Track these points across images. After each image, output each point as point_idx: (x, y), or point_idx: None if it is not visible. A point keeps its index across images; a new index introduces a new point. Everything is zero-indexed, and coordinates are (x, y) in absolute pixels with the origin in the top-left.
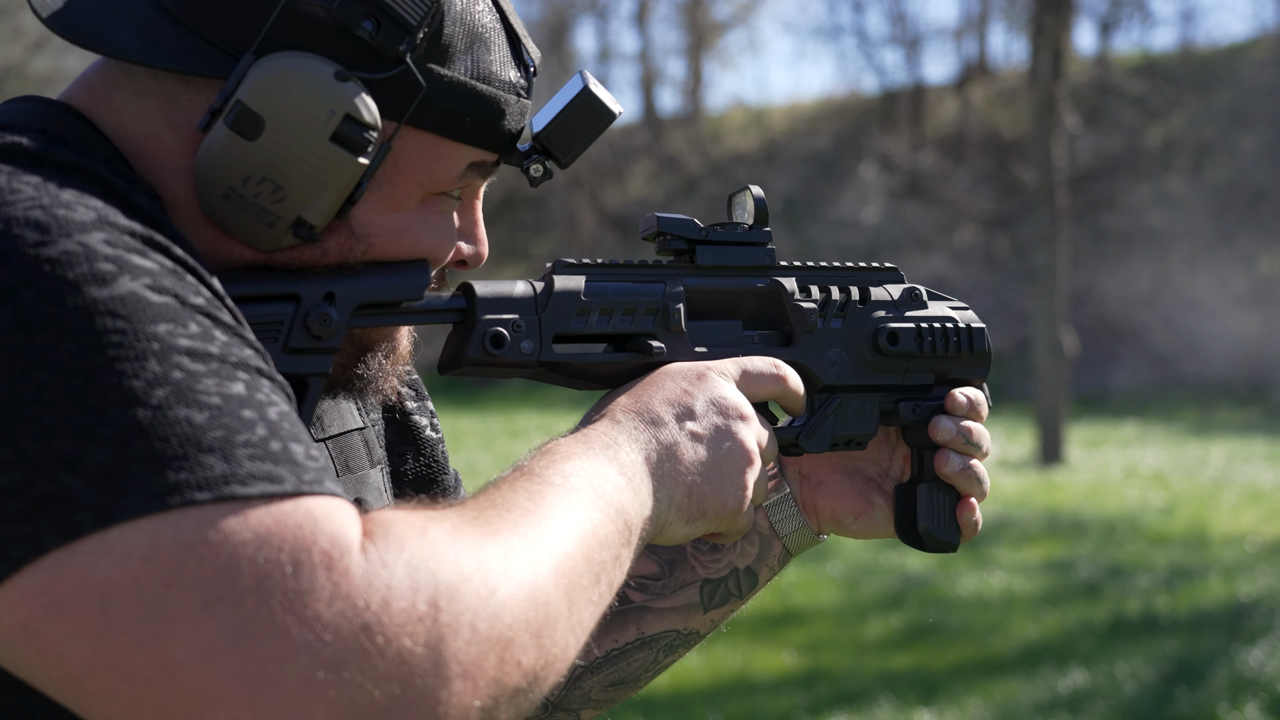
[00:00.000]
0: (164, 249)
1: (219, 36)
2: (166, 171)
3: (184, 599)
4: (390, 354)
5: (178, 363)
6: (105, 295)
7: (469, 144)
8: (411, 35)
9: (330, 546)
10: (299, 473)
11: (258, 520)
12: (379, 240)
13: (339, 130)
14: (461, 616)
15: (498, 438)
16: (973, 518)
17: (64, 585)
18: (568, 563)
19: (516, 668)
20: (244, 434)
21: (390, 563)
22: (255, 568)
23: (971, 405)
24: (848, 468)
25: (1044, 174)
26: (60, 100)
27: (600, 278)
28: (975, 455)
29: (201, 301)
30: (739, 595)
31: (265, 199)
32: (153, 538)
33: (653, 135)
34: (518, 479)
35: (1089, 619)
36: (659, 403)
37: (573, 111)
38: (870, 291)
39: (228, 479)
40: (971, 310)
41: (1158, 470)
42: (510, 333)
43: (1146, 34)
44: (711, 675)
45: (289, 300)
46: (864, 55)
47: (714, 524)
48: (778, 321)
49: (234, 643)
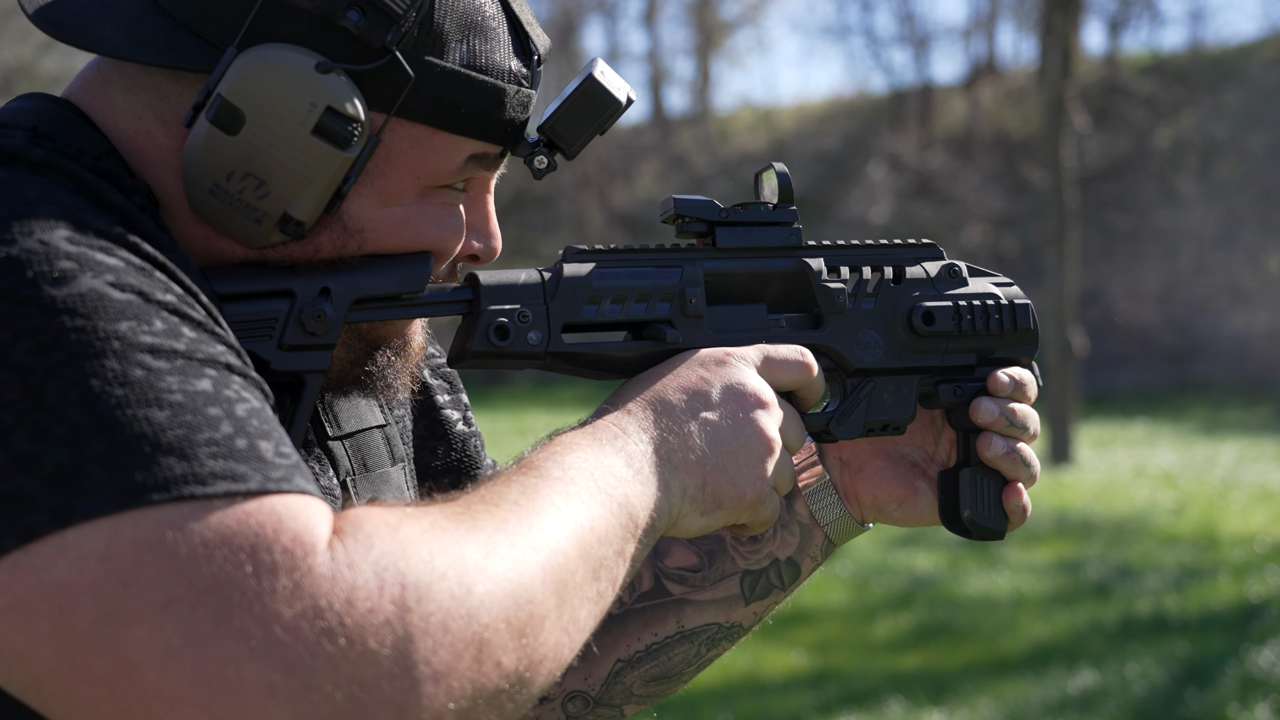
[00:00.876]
0: (132, 245)
1: (206, 29)
2: (158, 168)
3: (141, 600)
4: (402, 350)
5: (139, 360)
6: (64, 293)
7: (465, 135)
8: (398, 25)
9: (294, 545)
10: (265, 470)
11: (219, 519)
12: (375, 234)
13: (321, 123)
14: (432, 617)
15: (506, 436)
16: (1020, 503)
17: (21, 587)
18: (558, 559)
19: (496, 668)
20: (207, 432)
21: (357, 562)
22: (214, 567)
23: (1016, 385)
24: (890, 453)
25: (1053, 174)
26: (63, 97)
27: (613, 263)
28: (1021, 438)
29: (170, 299)
30: (781, 587)
31: (250, 195)
32: (110, 538)
33: (661, 135)
34: (515, 473)
35: (1098, 619)
36: (674, 390)
37: (576, 100)
38: (905, 270)
39: (187, 478)
40: (1017, 286)
41: (1167, 470)
42: (516, 323)
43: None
44: (721, 675)
45: (284, 296)
46: (872, 55)
47: (733, 514)
48: (805, 303)
49: (192, 644)
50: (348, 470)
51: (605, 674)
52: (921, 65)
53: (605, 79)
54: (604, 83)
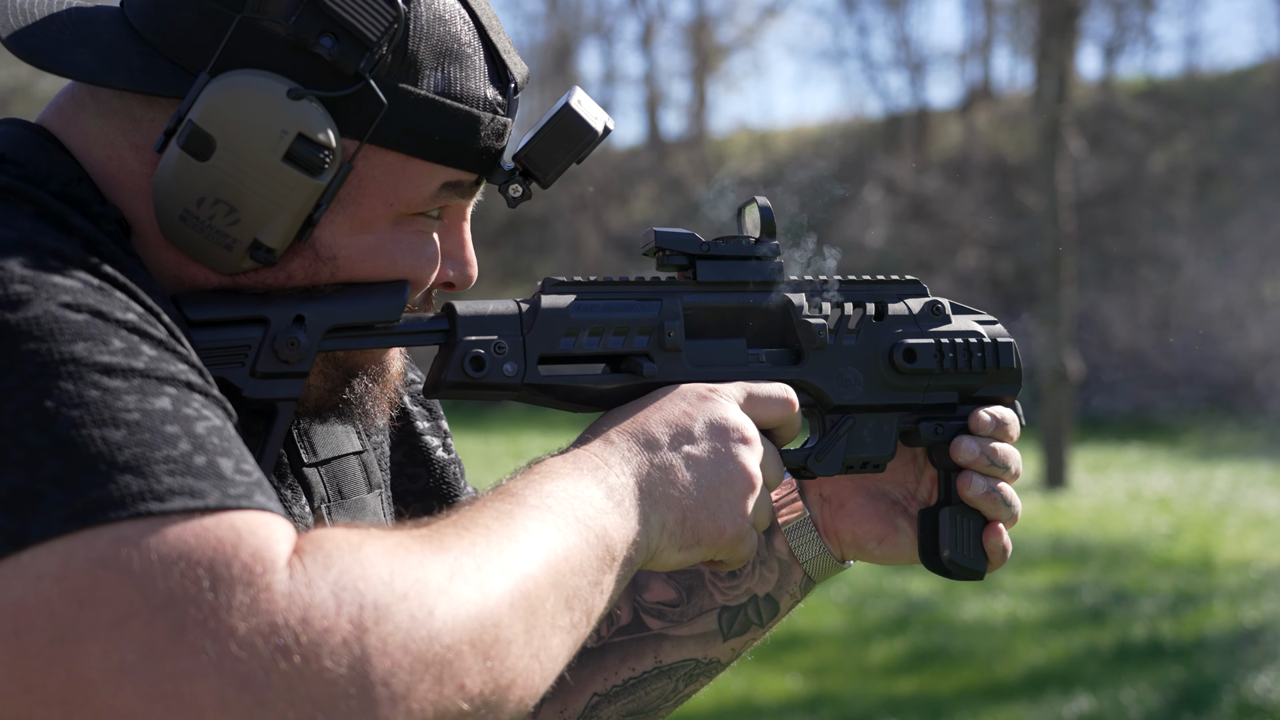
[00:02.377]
0: (91, 266)
1: (180, 55)
2: (129, 193)
3: (96, 617)
4: (379, 377)
5: (94, 380)
6: (18, 318)
7: (439, 163)
8: (372, 52)
9: (253, 561)
10: (224, 487)
11: (175, 536)
12: (348, 262)
13: (292, 150)
14: (391, 637)
15: (501, 459)
16: (1000, 543)
17: None
18: (527, 584)
19: (459, 691)
20: (164, 449)
21: (315, 580)
22: (170, 583)
23: (998, 424)
24: (871, 490)
25: (1048, 198)
26: (36, 123)
27: (591, 296)
28: (1002, 477)
29: (130, 317)
30: (759, 623)
31: (220, 221)
32: (64, 558)
33: (657, 157)
34: (492, 499)
35: (1094, 644)
36: (656, 423)
37: (553, 130)
38: (888, 306)
39: (144, 495)
40: (1000, 325)
41: (1162, 495)
42: (492, 354)
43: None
44: (716, 699)
45: (257, 324)
46: (868, 79)
47: (711, 550)
48: (786, 338)
49: (146, 660)
50: (322, 497)
51: (581, 708)
52: (917, 89)
53: (582, 108)
54: (580, 112)
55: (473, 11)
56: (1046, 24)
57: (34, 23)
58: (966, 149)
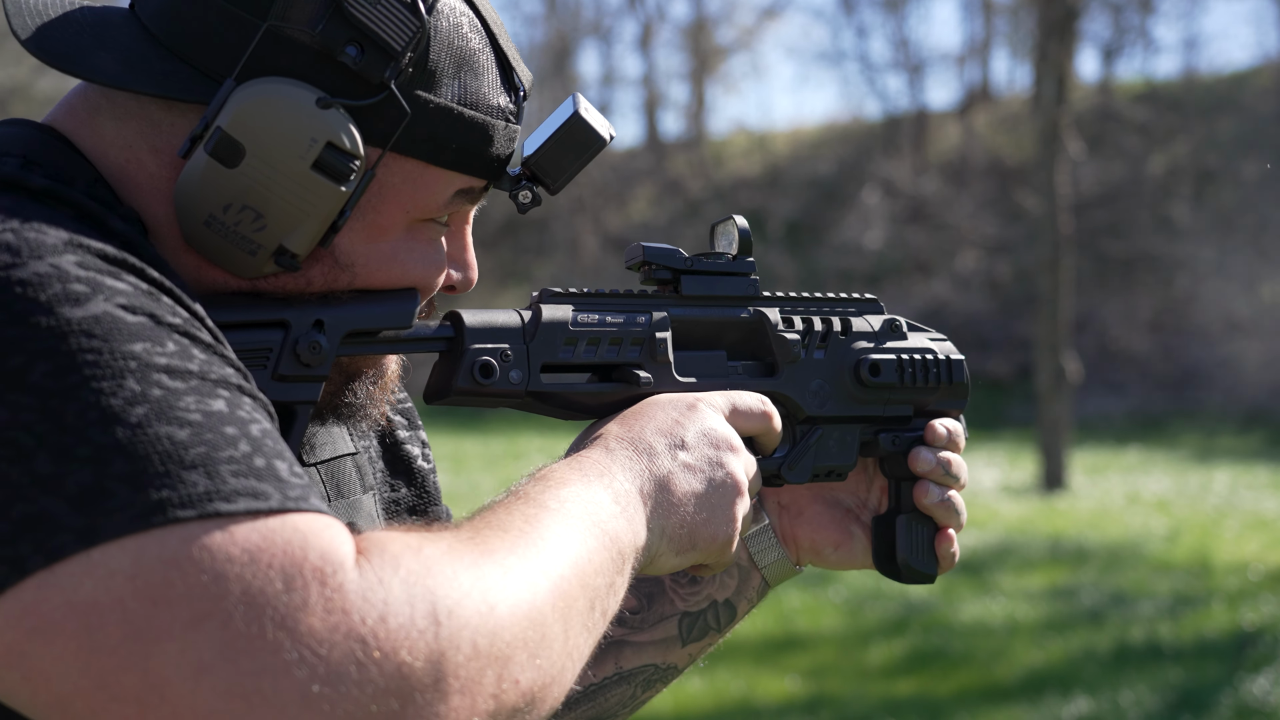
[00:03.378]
0: (138, 271)
1: (202, 61)
2: (148, 196)
3: (171, 616)
4: (378, 380)
5: (156, 380)
6: (79, 315)
7: (455, 170)
8: (396, 61)
9: (322, 562)
10: (284, 489)
11: (244, 536)
12: (365, 269)
13: (320, 158)
14: (461, 632)
15: (500, 460)
16: (950, 549)
17: (48, 607)
18: (563, 585)
19: (514, 686)
20: (227, 450)
21: (386, 579)
22: (244, 583)
23: (950, 437)
24: (827, 499)
25: (1047, 200)
26: (44, 123)
27: (587, 307)
28: (954, 486)
29: (178, 321)
30: (717, 628)
31: (246, 227)
32: (136, 556)
33: (655, 159)
34: (513, 502)
35: (1092, 646)
36: (651, 433)
37: (562, 137)
38: (852, 322)
39: (211, 495)
40: (950, 342)
41: (1160, 497)
42: (499, 362)
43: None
44: (714, 700)
45: (277, 327)
46: (867, 80)
47: (704, 555)
48: (760, 352)
49: (224, 658)
50: (323, 495)
51: None
52: (916, 91)
53: (589, 116)
54: (589, 120)
55: (484, 20)
56: (1045, 26)
57: (51, 23)
58: (965, 151)
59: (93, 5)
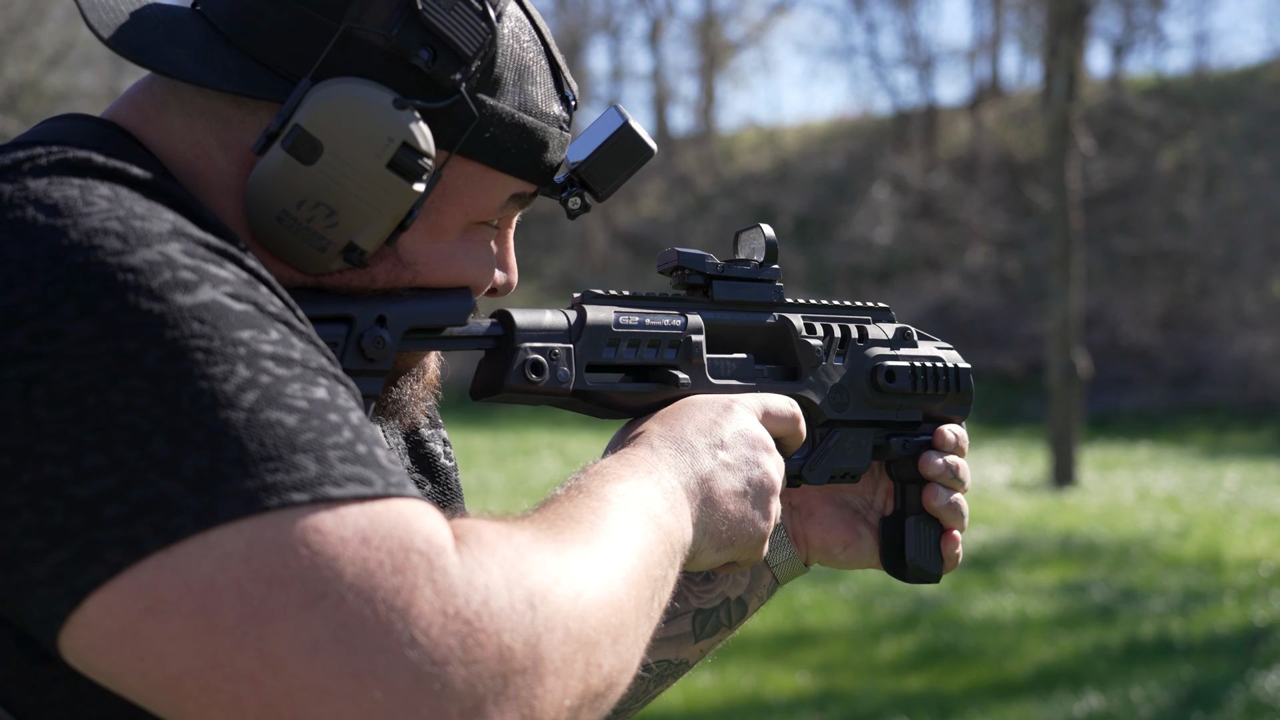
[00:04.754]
0: (237, 260)
1: (275, 60)
2: (216, 191)
3: (286, 598)
4: (421, 378)
5: (264, 367)
6: (190, 302)
7: (513, 175)
8: (467, 66)
9: (427, 547)
10: (386, 476)
11: (354, 520)
12: (425, 268)
13: (396, 158)
14: (554, 617)
15: (509, 456)
16: (955, 550)
17: (164, 587)
18: (634, 575)
19: (598, 670)
20: (332, 437)
21: (486, 564)
22: (355, 566)
23: (958, 442)
24: (836, 500)
25: (1057, 196)
26: (105, 119)
27: (628, 310)
28: (960, 490)
29: (277, 309)
30: (729, 625)
31: (319, 223)
32: (251, 539)
33: (665, 154)
34: (576, 495)
35: (1103, 642)
36: (692, 432)
37: (613, 147)
38: (868, 330)
39: (322, 480)
40: (956, 351)
41: (1171, 493)
42: (548, 361)
43: (1160, 57)
44: (725, 695)
45: (342, 322)
46: (877, 76)
47: (738, 553)
48: (783, 357)
49: (338, 639)
50: None
51: None
52: (926, 86)
53: (638, 127)
54: (639, 131)
55: (539, 30)
56: (1056, 21)
57: (128, 20)
58: (975, 147)
59: (160, 2)
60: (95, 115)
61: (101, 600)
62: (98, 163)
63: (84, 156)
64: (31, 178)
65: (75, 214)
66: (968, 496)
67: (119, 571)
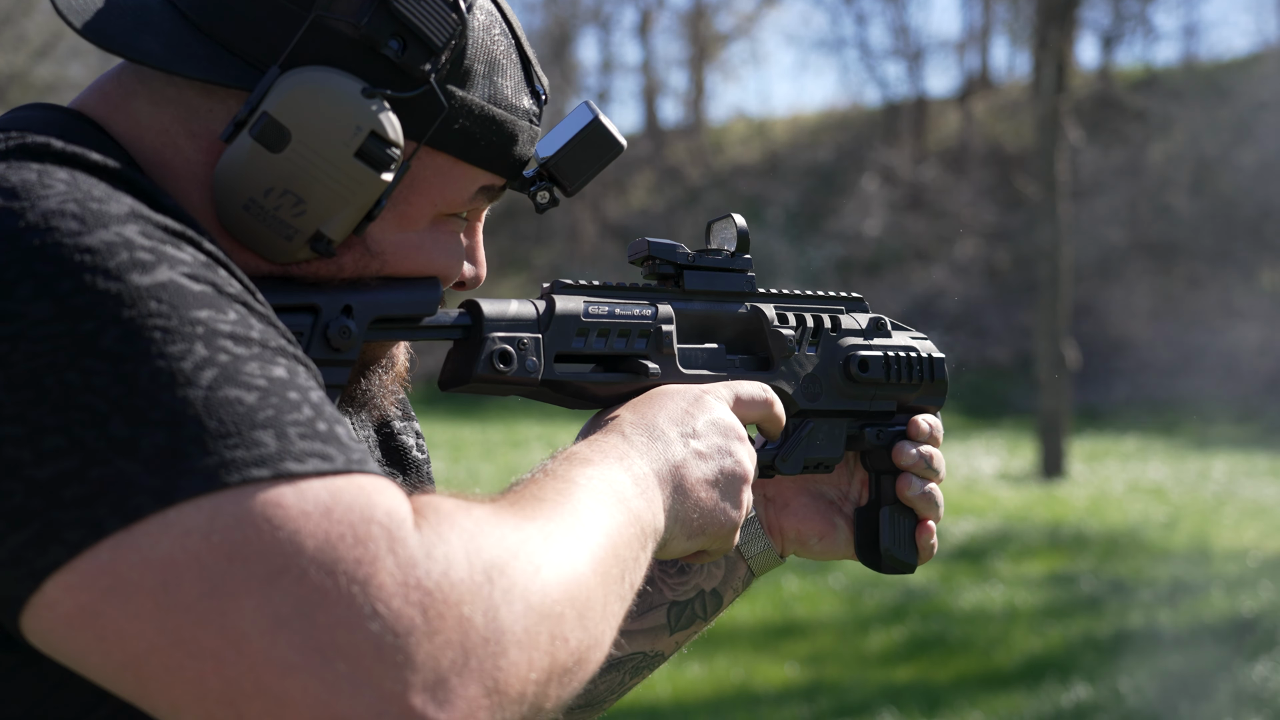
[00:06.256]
0: (195, 242)
1: (244, 48)
2: (183, 180)
3: (247, 573)
4: (390, 369)
5: (222, 346)
6: (147, 282)
7: (482, 167)
8: (436, 57)
9: (388, 520)
10: (346, 452)
11: (314, 495)
12: (393, 258)
13: (364, 146)
14: (513, 589)
15: (499, 448)
16: (930, 540)
17: (124, 566)
18: (599, 552)
19: (564, 644)
20: (292, 414)
21: (445, 535)
22: (317, 539)
23: (932, 432)
24: (811, 491)
25: (1047, 187)
26: (72, 108)
27: (597, 299)
28: (934, 479)
29: (236, 290)
30: (704, 617)
31: (286, 212)
32: (211, 515)
33: (655, 146)
34: (543, 478)
35: (1091, 633)
36: (664, 421)
37: (582, 142)
38: (841, 319)
39: (283, 455)
40: (930, 340)
41: (1159, 484)
42: (516, 351)
43: (1149, 48)
44: (714, 687)
45: (308, 311)
46: (866, 68)
47: (709, 541)
48: (755, 347)
49: (301, 612)
50: None
51: None
52: (915, 78)
53: (608, 122)
54: (608, 126)
55: (509, 23)
56: (1045, 13)
57: (100, 8)
58: (965, 138)
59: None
60: (61, 105)
61: (61, 581)
62: (56, 148)
63: (42, 142)
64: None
65: (33, 196)
66: (956, 487)
67: (79, 552)
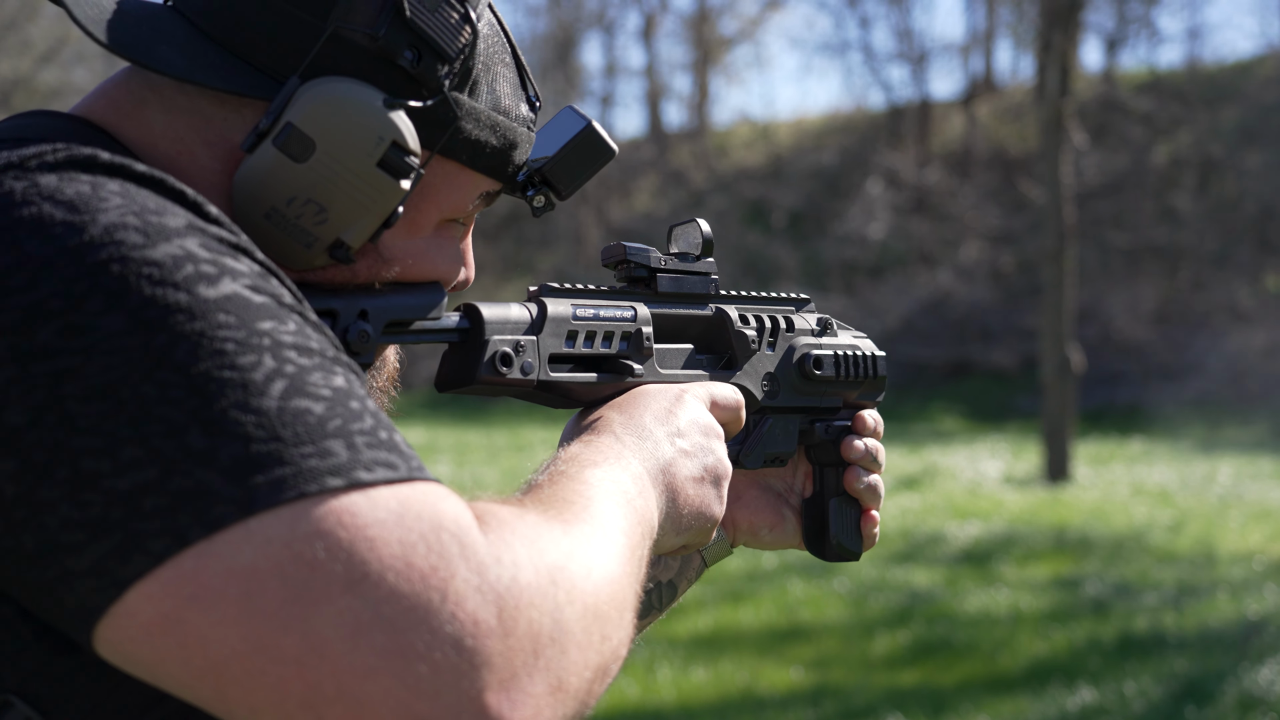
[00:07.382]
0: (248, 253)
1: (260, 59)
2: (199, 188)
3: (327, 580)
4: (382, 373)
5: (288, 357)
6: (214, 295)
7: (486, 174)
8: (449, 67)
9: (456, 527)
10: (408, 460)
11: (385, 503)
12: (403, 264)
13: (386, 156)
14: (571, 591)
15: (503, 452)
16: (874, 529)
17: (207, 574)
18: (624, 553)
19: (609, 643)
20: (356, 423)
21: (510, 541)
22: (393, 547)
23: (875, 426)
24: (761, 484)
25: (1051, 190)
26: (76, 114)
27: (583, 302)
28: (877, 471)
29: (290, 301)
30: (659, 609)
31: (307, 220)
32: (291, 524)
33: (659, 150)
34: (559, 480)
35: (1097, 637)
36: (650, 421)
37: (576, 148)
38: (794, 320)
39: (354, 465)
40: (869, 339)
41: (1164, 487)
42: (515, 353)
43: (1153, 51)
44: (718, 691)
45: (326, 316)
46: (870, 71)
47: (693, 536)
48: (718, 347)
49: (381, 618)
50: None
51: None
52: (919, 81)
53: (600, 128)
54: (601, 132)
55: (505, 33)
56: (1049, 16)
57: (113, 16)
58: (969, 141)
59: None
60: (62, 111)
61: (144, 589)
62: (103, 159)
63: (89, 153)
64: (41, 174)
65: (92, 210)
66: (961, 490)
67: (163, 561)
